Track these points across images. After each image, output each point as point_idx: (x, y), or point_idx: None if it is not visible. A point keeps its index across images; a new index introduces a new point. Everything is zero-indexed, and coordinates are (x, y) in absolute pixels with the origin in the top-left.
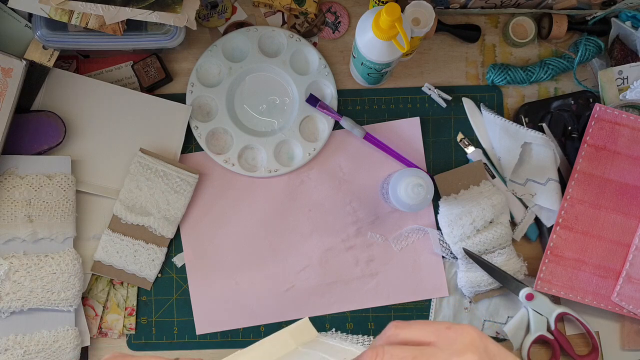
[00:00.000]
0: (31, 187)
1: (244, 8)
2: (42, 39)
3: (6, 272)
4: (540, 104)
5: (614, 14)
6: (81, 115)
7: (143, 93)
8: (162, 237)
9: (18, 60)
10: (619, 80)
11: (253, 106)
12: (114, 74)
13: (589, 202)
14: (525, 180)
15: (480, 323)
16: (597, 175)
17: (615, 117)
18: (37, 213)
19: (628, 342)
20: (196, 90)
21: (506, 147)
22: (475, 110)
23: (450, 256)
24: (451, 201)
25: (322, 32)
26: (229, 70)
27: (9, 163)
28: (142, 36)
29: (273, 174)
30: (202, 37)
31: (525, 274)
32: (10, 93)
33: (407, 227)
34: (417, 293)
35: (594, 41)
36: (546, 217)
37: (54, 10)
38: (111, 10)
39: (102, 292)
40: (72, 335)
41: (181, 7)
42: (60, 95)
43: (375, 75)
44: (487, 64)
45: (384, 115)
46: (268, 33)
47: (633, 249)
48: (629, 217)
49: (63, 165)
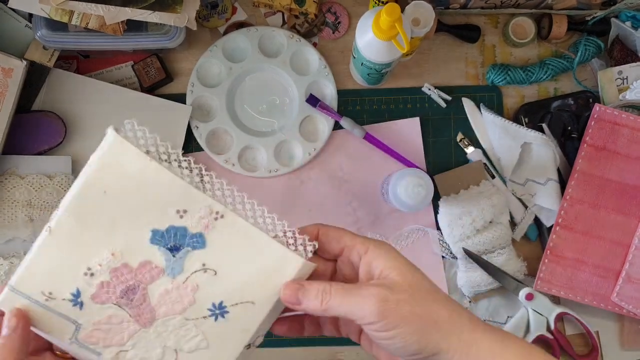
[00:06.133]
0: (31, 187)
1: (244, 8)
2: (42, 39)
3: (6, 273)
4: (540, 104)
5: (614, 14)
6: (81, 115)
7: (143, 93)
8: None
9: (18, 60)
10: (619, 80)
11: (253, 106)
12: (114, 74)
13: (589, 202)
14: (525, 180)
15: None
16: (596, 175)
17: (615, 117)
18: (37, 213)
19: (628, 342)
20: (196, 91)
21: (506, 147)
22: (475, 110)
23: (450, 256)
24: (451, 201)
25: (322, 32)
26: (229, 71)
27: (9, 163)
28: (143, 36)
29: (273, 174)
30: (202, 38)
31: (525, 274)
32: (11, 93)
33: (407, 227)
34: None
35: (593, 41)
36: (546, 217)
37: (55, 10)
38: (111, 10)
39: None
40: None
41: (181, 8)
42: (60, 96)
43: (375, 76)
44: (486, 64)
45: (384, 115)
46: (268, 33)
47: (633, 249)
48: (628, 217)
49: (63, 165)
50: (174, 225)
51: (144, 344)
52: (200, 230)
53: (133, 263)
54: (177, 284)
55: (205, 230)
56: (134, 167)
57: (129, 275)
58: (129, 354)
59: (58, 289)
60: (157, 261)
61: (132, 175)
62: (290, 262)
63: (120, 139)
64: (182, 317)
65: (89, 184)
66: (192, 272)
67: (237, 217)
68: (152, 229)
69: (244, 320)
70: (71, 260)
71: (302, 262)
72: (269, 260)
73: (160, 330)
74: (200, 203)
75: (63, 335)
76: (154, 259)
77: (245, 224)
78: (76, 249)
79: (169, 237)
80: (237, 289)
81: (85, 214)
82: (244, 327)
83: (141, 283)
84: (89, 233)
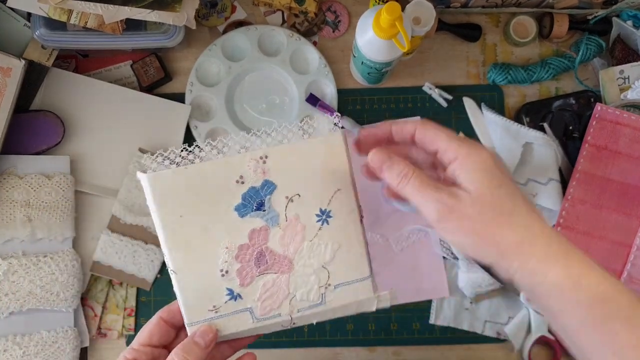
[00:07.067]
0: (30, 187)
1: (243, 7)
2: (41, 38)
3: (5, 273)
4: (542, 103)
5: (615, 14)
6: (80, 115)
7: (142, 92)
8: None
9: (17, 59)
10: (620, 79)
11: (253, 105)
12: (113, 73)
13: (590, 202)
14: (526, 180)
15: (481, 324)
16: (598, 175)
17: (617, 117)
18: (36, 213)
19: None
20: (195, 90)
21: (507, 147)
22: (476, 109)
23: (451, 256)
24: None
25: (322, 31)
26: (229, 70)
27: (7, 163)
28: (142, 35)
29: None
30: (202, 36)
31: None
32: (9, 93)
33: (408, 228)
34: (417, 293)
35: (595, 40)
36: (547, 217)
37: (53, 9)
38: (110, 9)
39: (101, 293)
40: (71, 336)
41: (180, 6)
42: (59, 95)
43: (376, 75)
44: (488, 63)
45: (384, 115)
46: (268, 32)
47: (634, 249)
48: (630, 217)
49: (62, 165)
50: (243, 192)
51: (300, 281)
52: (263, 179)
53: (244, 240)
54: (284, 225)
55: (266, 175)
56: (179, 184)
57: (249, 251)
58: (297, 295)
59: (216, 298)
60: (257, 223)
61: (184, 189)
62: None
63: (151, 175)
64: (307, 243)
65: (165, 221)
66: (285, 208)
67: (275, 147)
68: (233, 207)
69: (344, 206)
70: (205, 275)
71: (340, 133)
72: (321, 152)
73: (302, 263)
74: (244, 161)
75: (246, 323)
76: (253, 224)
77: (285, 147)
78: (201, 266)
79: (249, 202)
80: (321, 191)
81: (182, 241)
82: (348, 210)
83: (261, 247)
84: (197, 249)
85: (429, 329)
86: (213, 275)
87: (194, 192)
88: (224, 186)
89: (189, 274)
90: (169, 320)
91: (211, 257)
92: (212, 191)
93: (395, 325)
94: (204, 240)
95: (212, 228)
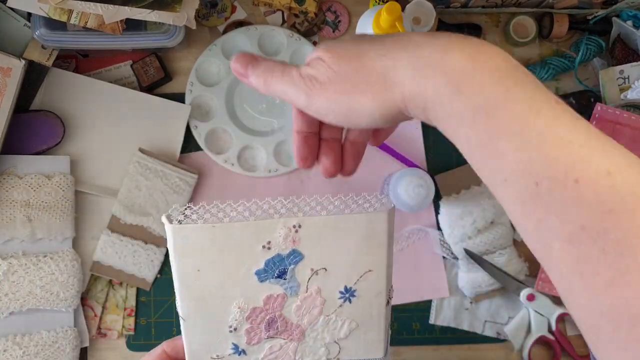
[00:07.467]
0: (30, 187)
1: (243, 7)
2: (41, 38)
3: (5, 273)
4: None
5: (615, 14)
6: (80, 115)
7: (142, 92)
8: (161, 238)
9: (17, 59)
10: (620, 79)
11: (252, 105)
12: (113, 73)
13: None
14: None
15: (481, 323)
16: None
17: (617, 117)
18: (36, 213)
19: None
20: (195, 90)
21: None
22: None
23: (451, 256)
24: (452, 201)
25: (322, 31)
26: (229, 70)
27: (7, 163)
28: (142, 35)
29: (273, 173)
30: (202, 36)
31: (527, 274)
32: (9, 93)
33: (408, 228)
34: (417, 293)
35: (595, 40)
36: None
37: (53, 9)
38: (110, 9)
39: (101, 293)
40: (71, 336)
41: (180, 6)
42: (59, 95)
43: None
44: None
45: None
46: (268, 32)
47: None
48: None
49: (62, 165)
50: (267, 258)
51: (308, 351)
52: (291, 247)
53: (258, 303)
54: (303, 296)
55: (295, 245)
56: (203, 240)
57: (262, 314)
58: None
59: (221, 349)
60: (276, 290)
61: (208, 246)
62: (378, 220)
63: (177, 227)
64: (323, 317)
65: (182, 272)
66: (308, 281)
67: (311, 217)
68: (255, 272)
69: (372, 287)
70: (214, 328)
71: (386, 214)
72: (359, 230)
73: (314, 335)
74: (275, 228)
75: None
76: (271, 290)
77: (322, 219)
78: (211, 319)
79: (271, 269)
80: (350, 269)
81: (196, 294)
82: (375, 292)
83: (274, 313)
84: (209, 303)
85: (429, 329)
86: (221, 330)
87: (217, 249)
88: (249, 249)
89: (197, 323)
90: (173, 356)
91: (222, 313)
92: (236, 252)
93: (395, 325)
94: (218, 296)
95: (228, 287)
